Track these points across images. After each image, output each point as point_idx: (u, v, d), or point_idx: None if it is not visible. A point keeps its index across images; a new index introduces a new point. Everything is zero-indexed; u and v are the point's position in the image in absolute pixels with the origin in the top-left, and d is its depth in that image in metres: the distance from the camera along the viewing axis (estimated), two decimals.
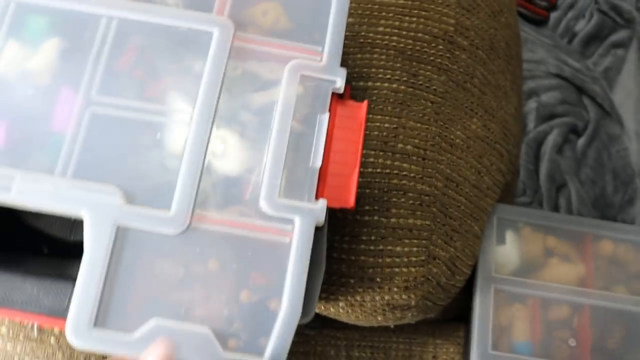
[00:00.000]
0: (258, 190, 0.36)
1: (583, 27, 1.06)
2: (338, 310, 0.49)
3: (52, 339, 0.47)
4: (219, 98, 0.37)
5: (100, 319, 0.33)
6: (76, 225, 0.46)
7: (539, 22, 1.08)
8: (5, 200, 0.35)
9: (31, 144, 0.36)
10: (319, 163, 0.37)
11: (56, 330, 0.46)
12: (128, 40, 0.38)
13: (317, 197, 0.37)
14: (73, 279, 0.35)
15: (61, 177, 0.35)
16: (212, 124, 0.37)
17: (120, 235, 0.34)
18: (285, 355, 0.34)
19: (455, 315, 0.60)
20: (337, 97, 0.39)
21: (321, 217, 0.36)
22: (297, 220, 0.36)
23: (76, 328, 0.33)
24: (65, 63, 0.37)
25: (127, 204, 0.35)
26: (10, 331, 0.47)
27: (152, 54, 0.38)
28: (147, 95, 0.37)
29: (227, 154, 0.37)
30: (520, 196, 0.89)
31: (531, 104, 0.96)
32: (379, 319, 0.50)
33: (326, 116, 0.38)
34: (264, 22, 0.39)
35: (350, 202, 0.37)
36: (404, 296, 0.47)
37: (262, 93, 0.38)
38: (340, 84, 0.39)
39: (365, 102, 0.39)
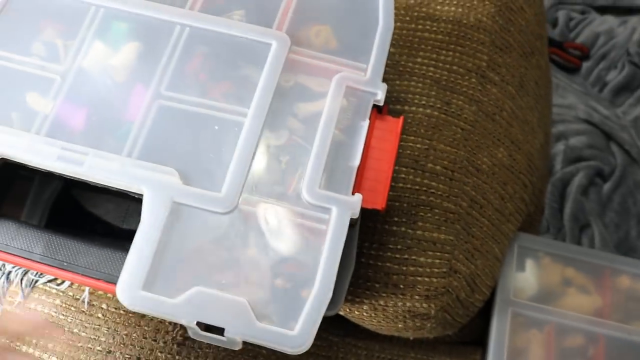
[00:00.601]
0: (300, 187, 0.39)
1: (614, 78, 1.07)
2: (362, 314, 0.51)
3: (100, 314, 0.50)
4: (272, 100, 0.41)
5: (149, 283, 0.36)
6: (128, 214, 0.51)
7: (572, 70, 1.09)
8: (77, 173, 0.39)
9: (106, 129, 0.40)
10: (357, 162, 0.40)
11: (104, 305, 0.50)
12: (196, 46, 0.42)
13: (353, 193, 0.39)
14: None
15: (127, 157, 0.39)
16: (264, 123, 0.40)
17: (175, 210, 0.38)
18: (312, 336, 0.36)
19: (472, 340, 0.61)
20: (376, 112, 0.43)
21: (356, 209, 0.39)
22: (334, 210, 0.39)
23: (126, 288, 0.36)
24: (141, 63, 0.42)
25: (184, 185, 0.39)
26: (64, 303, 0.50)
27: (216, 60, 0.42)
28: (208, 95, 0.41)
29: (275, 153, 0.41)
30: (544, 233, 0.91)
31: (559, 147, 0.97)
32: (400, 325, 0.52)
33: (366, 122, 0.41)
34: (316, 42, 0.44)
35: (382, 204, 0.40)
36: (424, 305, 0.50)
37: (310, 104, 0.42)
38: (380, 96, 0.42)
39: (401, 118, 0.42)
